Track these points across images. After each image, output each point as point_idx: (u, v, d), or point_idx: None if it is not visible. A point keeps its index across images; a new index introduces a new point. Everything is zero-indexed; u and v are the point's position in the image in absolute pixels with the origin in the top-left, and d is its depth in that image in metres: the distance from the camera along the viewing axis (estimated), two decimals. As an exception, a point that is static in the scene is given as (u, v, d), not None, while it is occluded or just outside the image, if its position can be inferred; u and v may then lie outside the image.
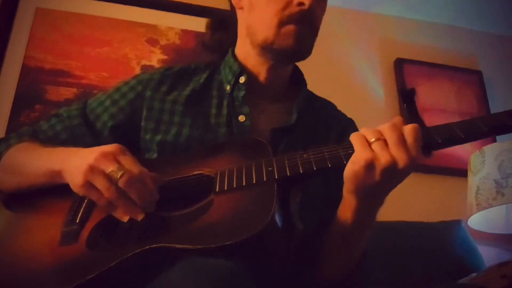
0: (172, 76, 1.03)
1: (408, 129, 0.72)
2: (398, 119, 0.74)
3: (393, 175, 0.71)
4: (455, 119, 0.78)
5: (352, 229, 0.80)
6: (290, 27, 0.92)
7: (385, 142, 0.71)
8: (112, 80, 1.88)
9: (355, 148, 0.73)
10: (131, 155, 0.79)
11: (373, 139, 0.72)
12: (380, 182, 0.72)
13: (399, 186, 0.76)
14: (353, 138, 0.74)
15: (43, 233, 0.82)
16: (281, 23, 0.93)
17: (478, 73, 2.44)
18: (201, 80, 1.03)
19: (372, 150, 0.71)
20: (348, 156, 0.74)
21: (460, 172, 2.08)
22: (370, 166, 0.71)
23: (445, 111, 2.29)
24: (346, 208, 0.79)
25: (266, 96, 1.02)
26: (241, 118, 0.97)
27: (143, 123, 0.98)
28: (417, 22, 2.50)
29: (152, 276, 0.60)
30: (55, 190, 0.86)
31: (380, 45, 2.41)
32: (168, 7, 2.12)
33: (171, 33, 2.10)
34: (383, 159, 0.70)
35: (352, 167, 0.72)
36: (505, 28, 2.54)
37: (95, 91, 1.10)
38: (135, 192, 0.75)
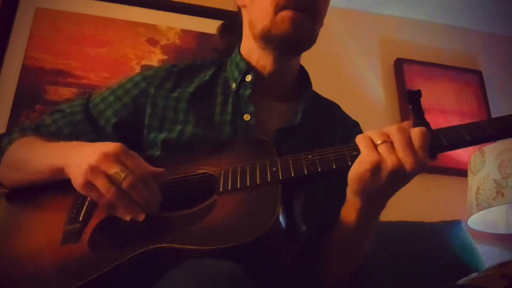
0: (177, 73, 1.02)
1: (416, 132, 0.71)
2: (406, 123, 0.73)
3: (398, 178, 0.71)
4: (455, 119, 0.77)
5: (355, 231, 0.80)
6: (285, 13, 0.91)
7: (391, 144, 0.70)
8: (112, 80, 1.85)
9: (361, 150, 0.72)
10: (134, 155, 0.77)
11: (379, 141, 0.71)
12: (385, 184, 0.71)
13: (400, 186, 0.75)
14: (359, 139, 0.73)
15: (45, 230, 0.81)
16: (277, 10, 0.92)
17: (478, 73, 2.44)
18: (206, 77, 1.02)
19: (379, 153, 0.70)
20: (354, 157, 0.73)
21: (460, 172, 2.08)
22: (376, 168, 0.70)
23: (445, 111, 2.28)
24: (350, 209, 0.79)
25: (271, 95, 1.01)
26: (246, 117, 0.96)
27: (147, 121, 0.96)
28: (417, 22, 2.51)
29: (154, 277, 0.60)
30: (57, 185, 0.85)
31: (380, 45, 2.41)
32: (168, 7, 2.12)
33: (171, 33, 2.10)
34: (389, 162, 0.69)
35: (358, 168, 0.72)
36: (505, 28, 2.54)
37: (95, 91, 1.09)
38: (138, 194, 0.74)
